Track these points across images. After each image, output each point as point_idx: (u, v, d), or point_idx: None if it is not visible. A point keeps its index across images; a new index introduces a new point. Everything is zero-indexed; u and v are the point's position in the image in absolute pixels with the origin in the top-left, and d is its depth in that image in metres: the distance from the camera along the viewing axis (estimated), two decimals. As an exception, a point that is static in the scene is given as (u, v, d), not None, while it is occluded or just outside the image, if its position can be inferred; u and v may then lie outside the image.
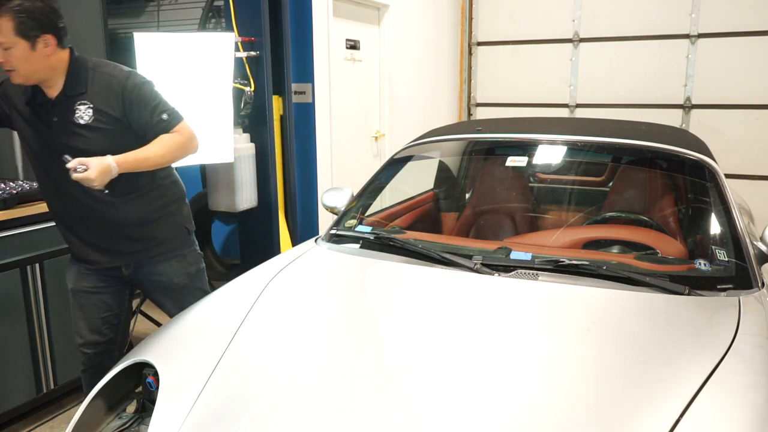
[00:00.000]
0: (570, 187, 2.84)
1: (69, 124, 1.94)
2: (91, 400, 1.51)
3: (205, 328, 1.68)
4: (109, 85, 2.01)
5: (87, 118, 1.96)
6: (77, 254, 2.16)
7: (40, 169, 2.06)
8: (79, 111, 1.96)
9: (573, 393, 1.29)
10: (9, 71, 1.86)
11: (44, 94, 1.96)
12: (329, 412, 1.27)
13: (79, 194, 1.99)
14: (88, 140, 1.95)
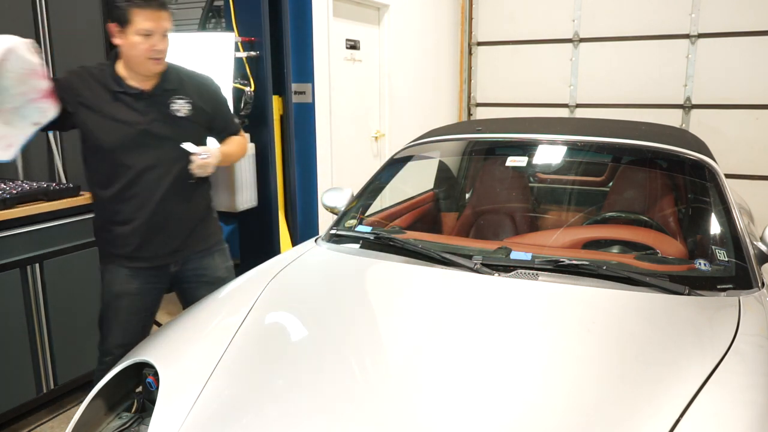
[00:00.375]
0: (570, 187, 2.84)
1: (165, 116, 2.06)
2: (91, 400, 1.51)
3: (205, 328, 1.68)
4: (205, 85, 2.21)
5: (185, 111, 2.10)
6: (134, 253, 2.13)
7: (112, 165, 2.05)
8: (176, 104, 2.08)
9: (573, 393, 1.29)
10: (158, 59, 1.99)
11: (134, 86, 2.03)
12: (329, 412, 1.27)
13: (156, 188, 2.08)
14: (181, 132, 2.08)
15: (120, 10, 1.92)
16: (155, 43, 1.96)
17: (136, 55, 1.96)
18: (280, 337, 1.59)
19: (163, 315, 3.90)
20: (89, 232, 2.81)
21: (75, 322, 2.78)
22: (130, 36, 1.94)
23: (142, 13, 1.92)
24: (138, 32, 1.93)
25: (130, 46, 1.95)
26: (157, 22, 1.95)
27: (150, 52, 1.96)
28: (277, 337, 1.59)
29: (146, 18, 1.93)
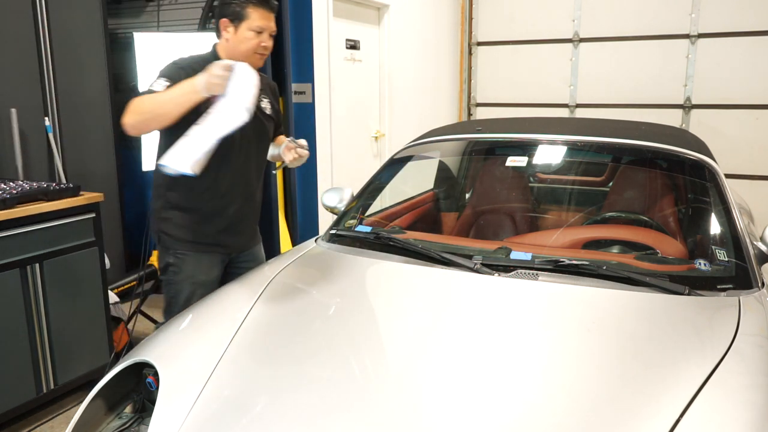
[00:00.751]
0: (570, 187, 2.83)
1: (259, 112, 2.20)
2: (91, 400, 1.50)
3: (205, 328, 1.68)
4: (273, 84, 2.43)
5: (269, 109, 2.30)
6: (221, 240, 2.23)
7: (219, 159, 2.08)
8: (264, 102, 2.27)
9: (573, 393, 1.29)
10: (263, 55, 2.17)
11: None
12: (329, 412, 1.27)
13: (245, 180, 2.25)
14: (264, 129, 2.27)
15: (238, 6, 2.08)
16: (263, 40, 2.13)
17: (247, 49, 2.11)
18: (280, 337, 1.59)
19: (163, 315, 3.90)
20: (89, 232, 2.81)
21: (75, 322, 2.78)
22: (243, 32, 2.10)
23: (257, 11, 2.09)
24: (251, 28, 2.09)
25: (240, 41, 2.10)
26: (269, 21, 2.13)
27: (259, 47, 2.13)
28: (277, 337, 1.59)
29: (260, 16, 2.10)
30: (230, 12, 2.10)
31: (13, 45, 3.24)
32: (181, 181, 2.11)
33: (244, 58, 2.10)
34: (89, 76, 3.73)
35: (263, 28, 2.12)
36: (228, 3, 2.11)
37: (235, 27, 2.10)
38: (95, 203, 2.83)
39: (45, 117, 3.37)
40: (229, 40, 2.12)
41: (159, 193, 2.20)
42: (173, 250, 2.20)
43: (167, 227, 2.20)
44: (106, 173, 3.92)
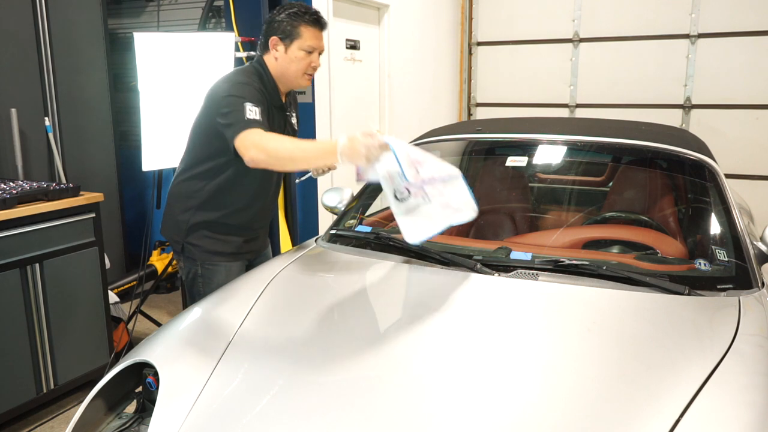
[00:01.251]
0: (570, 187, 2.83)
1: (289, 125, 2.25)
2: (91, 400, 1.50)
3: (205, 328, 1.68)
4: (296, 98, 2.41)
5: (295, 121, 2.30)
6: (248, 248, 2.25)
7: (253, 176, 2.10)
8: (293, 116, 2.28)
9: (573, 393, 1.29)
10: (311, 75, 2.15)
11: (280, 98, 2.17)
12: (329, 412, 1.27)
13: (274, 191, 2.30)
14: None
15: (289, 25, 2.06)
16: (313, 60, 2.11)
17: (296, 69, 2.10)
18: (280, 337, 1.59)
19: (163, 315, 3.91)
20: (89, 232, 2.82)
21: (75, 322, 2.78)
22: (294, 51, 2.07)
23: (309, 30, 2.07)
24: (302, 48, 2.07)
25: (290, 61, 2.08)
26: (320, 41, 2.11)
27: (308, 68, 2.11)
28: (276, 337, 1.59)
29: (312, 35, 2.08)
30: (281, 30, 2.07)
31: (13, 45, 3.24)
32: (216, 201, 2.13)
33: (293, 79, 2.12)
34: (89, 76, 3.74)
35: (314, 48, 2.10)
36: (279, 20, 2.07)
37: (285, 46, 2.07)
38: (95, 203, 2.83)
39: (45, 117, 3.37)
40: (279, 59, 2.09)
41: (188, 206, 2.16)
42: (201, 261, 2.17)
43: (196, 239, 2.16)
44: (106, 173, 3.92)
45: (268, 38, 2.10)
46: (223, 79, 2.09)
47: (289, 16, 2.06)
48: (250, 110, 1.93)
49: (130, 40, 3.04)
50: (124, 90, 4.29)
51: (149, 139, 3.12)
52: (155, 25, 4.36)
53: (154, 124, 3.13)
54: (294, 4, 2.11)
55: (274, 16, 2.10)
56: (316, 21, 2.09)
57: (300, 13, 2.07)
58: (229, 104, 1.95)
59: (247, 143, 1.86)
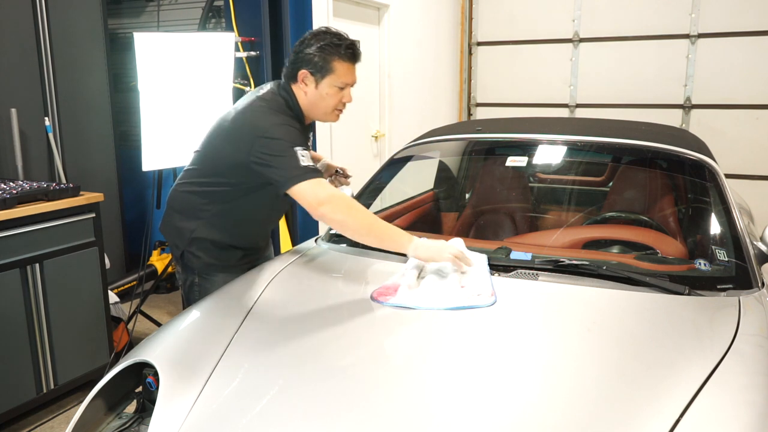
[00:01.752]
0: (570, 187, 2.83)
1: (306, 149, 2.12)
2: (91, 400, 1.50)
3: (205, 328, 1.68)
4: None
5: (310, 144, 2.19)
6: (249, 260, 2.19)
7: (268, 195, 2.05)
8: (310, 138, 2.20)
9: (573, 393, 1.29)
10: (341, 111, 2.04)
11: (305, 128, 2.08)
12: (330, 412, 1.27)
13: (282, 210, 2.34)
14: None
15: (321, 59, 1.91)
16: (345, 96, 1.98)
17: (326, 105, 1.98)
18: (281, 337, 1.59)
19: (163, 315, 3.90)
20: (89, 232, 2.82)
21: (75, 322, 2.78)
22: (325, 87, 1.94)
23: (343, 65, 1.93)
24: (334, 84, 1.94)
25: (320, 97, 1.96)
26: (354, 76, 1.97)
27: (339, 104, 1.99)
28: (277, 337, 1.59)
29: (346, 71, 1.94)
30: (311, 63, 1.91)
31: (13, 45, 3.24)
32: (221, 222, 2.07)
33: (321, 115, 2.02)
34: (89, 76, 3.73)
35: (347, 84, 1.96)
36: (310, 53, 1.91)
37: (316, 81, 1.93)
38: (95, 203, 2.83)
39: (45, 117, 3.37)
40: (308, 94, 1.96)
41: (192, 217, 2.08)
42: (199, 271, 2.12)
43: (198, 251, 2.10)
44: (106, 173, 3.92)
45: (297, 69, 1.94)
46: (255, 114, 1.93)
47: (322, 50, 1.90)
48: (302, 155, 1.84)
49: (130, 40, 3.04)
50: (124, 90, 4.29)
51: (149, 139, 3.12)
52: (155, 25, 4.36)
53: (154, 124, 3.13)
54: (327, 33, 1.94)
55: (304, 47, 1.93)
56: (351, 55, 1.94)
57: (333, 45, 1.91)
58: (275, 149, 1.84)
59: (321, 197, 1.80)
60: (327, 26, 2.00)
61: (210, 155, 2.05)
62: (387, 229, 1.84)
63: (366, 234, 1.84)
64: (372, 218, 1.85)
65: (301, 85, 1.96)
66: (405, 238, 1.82)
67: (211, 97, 3.35)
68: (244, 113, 1.96)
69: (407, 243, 1.81)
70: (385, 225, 1.84)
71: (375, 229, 1.83)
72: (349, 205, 1.85)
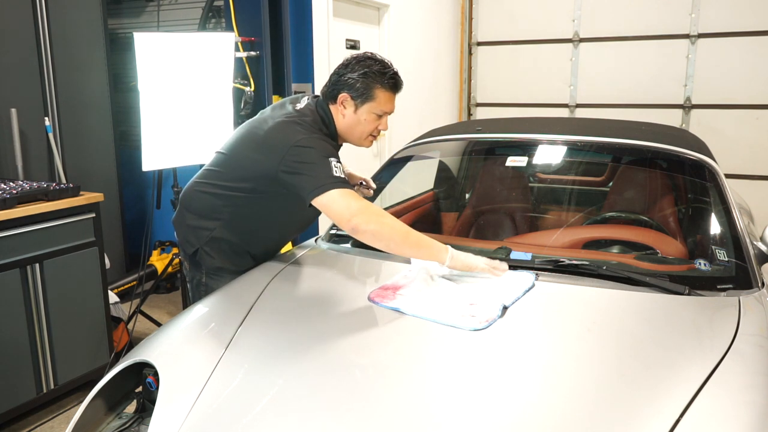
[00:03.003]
0: (570, 187, 2.83)
1: None
2: (91, 400, 1.50)
3: (205, 328, 1.68)
4: None
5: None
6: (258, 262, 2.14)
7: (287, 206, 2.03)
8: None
9: (573, 393, 1.29)
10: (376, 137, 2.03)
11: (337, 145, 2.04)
12: (330, 412, 1.27)
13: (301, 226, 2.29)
14: None
15: (363, 85, 1.90)
16: (381, 123, 1.98)
17: (362, 131, 1.97)
18: (280, 337, 1.59)
19: (163, 315, 3.90)
20: (89, 232, 2.82)
21: (75, 322, 2.78)
22: (363, 113, 1.93)
23: (386, 94, 1.93)
24: (374, 111, 1.93)
25: (357, 122, 1.95)
26: (393, 105, 1.96)
27: (375, 131, 1.99)
28: (277, 337, 1.59)
29: (387, 99, 1.93)
30: (354, 89, 1.90)
31: (13, 45, 3.24)
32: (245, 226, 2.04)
33: (356, 139, 2.00)
34: (89, 76, 3.74)
35: (386, 112, 1.96)
36: (353, 79, 1.90)
37: (356, 106, 1.92)
38: (95, 203, 2.83)
39: (45, 117, 3.37)
40: (346, 117, 1.95)
41: (215, 218, 2.05)
42: (207, 270, 2.10)
43: (213, 251, 2.07)
44: (106, 173, 3.92)
45: (337, 92, 1.93)
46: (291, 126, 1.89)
47: (365, 76, 1.89)
48: (336, 166, 1.82)
49: (130, 40, 3.04)
50: (124, 90, 4.29)
51: (149, 139, 3.12)
52: (155, 25, 4.36)
53: (154, 124, 3.13)
54: (371, 60, 1.93)
55: (348, 71, 1.92)
56: (393, 85, 1.93)
57: (377, 74, 1.90)
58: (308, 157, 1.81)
59: (353, 207, 1.76)
60: (372, 53, 1.98)
61: (237, 160, 2.00)
62: (422, 240, 1.81)
63: (401, 245, 1.80)
64: (405, 229, 1.81)
65: (339, 108, 1.95)
66: (442, 248, 1.80)
67: (211, 97, 3.35)
68: (280, 125, 1.92)
69: (444, 253, 1.80)
70: (418, 236, 1.82)
71: (410, 239, 1.79)
72: (382, 216, 1.82)
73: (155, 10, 4.37)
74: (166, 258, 4.21)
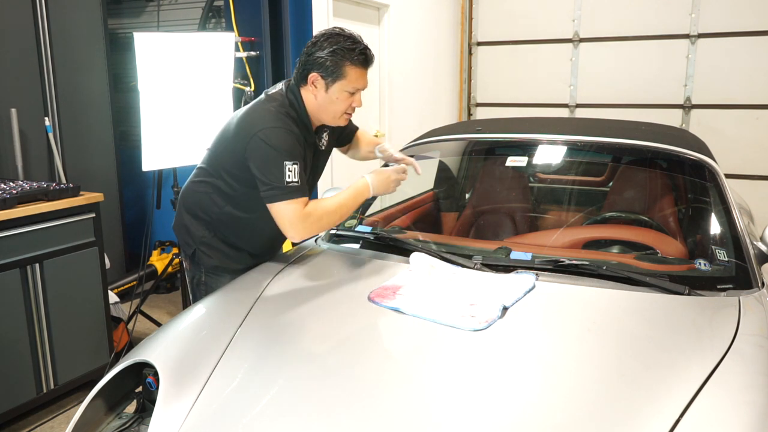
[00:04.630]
0: (570, 187, 2.83)
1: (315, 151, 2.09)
2: (91, 400, 1.50)
3: (205, 328, 1.68)
4: None
5: (325, 142, 2.14)
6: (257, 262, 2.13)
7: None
8: (323, 139, 2.12)
9: (573, 393, 1.29)
10: (350, 114, 2.02)
11: (312, 133, 2.03)
12: (329, 412, 1.27)
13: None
14: (318, 164, 2.15)
15: (332, 63, 1.86)
16: (355, 100, 1.95)
17: (335, 110, 1.94)
18: (280, 337, 1.59)
19: (163, 315, 3.90)
20: (89, 232, 2.82)
21: (75, 322, 2.78)
22: (335, 92, 1.90)
23: (357, 71, 1.90)
24: (345, 89, 1.90)
25: (330, 101, 1.92)
26: (365, 81, 1.94)
27: (349, 108, 1.96)
28: (277, 337, 1.59)
29: (358, 76, 1.91)
30: (323, 67, 1.87)
31: (13, 45, 3.24)
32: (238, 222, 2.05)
33: (330, 119, 1.98)
34: (89, 76, 3.74)
35: (358, 89, 1.93)
36: (322, 57, 1.86)
37: (326, 85, 1.89)
38: (95, 203, 2.83)
39: (45, 117, 3.37)
40: (318, 98, 1.92)
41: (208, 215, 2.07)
42: (206, 269, 2.11)
43: (210, 250, 2.09)
44: (106, 173, 3.92)
45: (307, 72, 1.91)
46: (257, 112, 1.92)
47: (334, 54, 1.86)
48: (290, 171, 1.82)
49: (130, 40, 3.04)
50: (124, 90, 4.29)
51: (149, 139, 3.12)
52: (155, 25, 4.36)
53: (154, 124, 3.13)
54: (340, 36, 1.89)
55: (316, 49, 1.88)
56: (364, 60, 1.90)
57: (346, 50, 1.86)
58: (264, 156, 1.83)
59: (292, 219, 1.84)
60: (340, 28, 1.95)
61: (217, 153, 2.05)
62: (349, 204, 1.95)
63: (339, 220, 1.96)
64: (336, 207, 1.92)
65: (310, 88, 1.92)
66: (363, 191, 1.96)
67: (211, 97, 3.35)
68: (248, 111, 1.97)
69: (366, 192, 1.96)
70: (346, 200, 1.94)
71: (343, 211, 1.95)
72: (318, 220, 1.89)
73: (155, 10, 4.37)
74: (166, 258, 4.21)
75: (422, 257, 1.89)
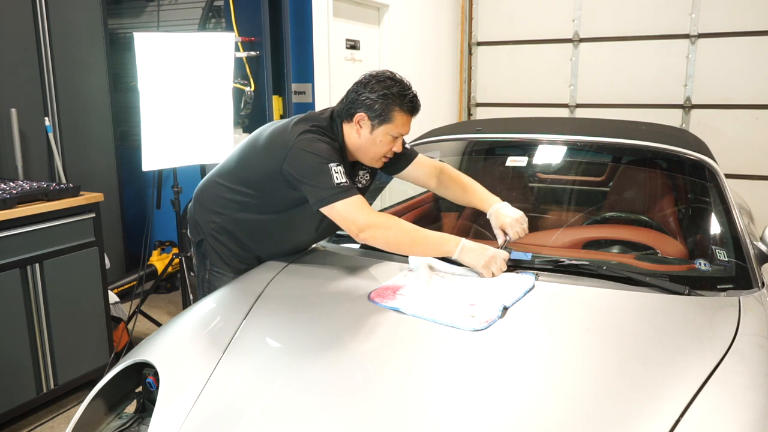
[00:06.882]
0: (570, 187, 2.83)
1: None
2: (91, 400, 1.50)
3: (205, 328, 1.68)
4: None
5: (364, 182, 2.11)
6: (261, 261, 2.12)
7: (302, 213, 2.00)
8: (359, 176, 2.09)
9: (572, 393, 1.29)
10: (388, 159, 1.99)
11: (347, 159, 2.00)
12: (329, 412, 1.27)
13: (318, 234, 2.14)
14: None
15: (381, 106, 1.86)
16: (396, 145, 1.95)
17: (375, 151, 1.93)
18: (281, 337, 1.59)
19: (163, 315, 3.90)
20: (89, 232, 2.82)
21: (75, 322, 2.78)
22: (379, 135, 1.89)
23: (404, 117, 1.90)
24: (390, 132, 1.90)
25: (373, 142, 1.91)
26: (409, 127, 1.94)
27: (389, 152, 1.96)
28: (277, 337, 1.59)
29: (405, 122, 1.91)
30: (371, 109, 1.87)
31: (13, 45, 3.24)
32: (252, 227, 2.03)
33: (368, 159, 1.96)
34: (89, 76, 3.74)
35: (401, 134, 1.94)
36: (371, 99, 1.86)
37: (372, 127, 1.88)
38: (95, 203, 2.83)
39: (45, 117, 3.38)
40: (361, 137, 1.91)
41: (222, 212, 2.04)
42: (211, 265, 2.11)
43: (217, 244, 2.08)
44: (106, 173, 3.92)
45: (354, 111, 1.89)
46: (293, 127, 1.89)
47: (384, 97, 1.86)
48: (336, 172, 1.79)
49: (130, 40, 3.04)
50: (124, 90, 4.30)
51: (149, 139, 3.12)
52: (155, 25, 4.36)
53: (154, 124, 3.13)
54: (391, 81, 1.90)
55: (367, 90, 1.88)
56: (411, 108, 1.92)
57: (397, 96, 1.87)
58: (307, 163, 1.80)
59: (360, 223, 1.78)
60: (392, 72, 1.95)
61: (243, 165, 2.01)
62: (429, 238, 1.85)
63: (409, 249, 1.85)
64: (412, 232, 1.83)
65: (355, 126, 1.91)
66: (451, 243, 1.84)
67: (211, 97, 3.35)
68: (286, 123, 1.93)
69: (454, 248, 1.84)
70: (425, 235, 1.84)
71: (417, 242, 1.83)
72: (388, 228, 1.81)
73: (155, 10, 4.37)
74: (166, 258, 4.21)
75: (422, 257, 1.89)
